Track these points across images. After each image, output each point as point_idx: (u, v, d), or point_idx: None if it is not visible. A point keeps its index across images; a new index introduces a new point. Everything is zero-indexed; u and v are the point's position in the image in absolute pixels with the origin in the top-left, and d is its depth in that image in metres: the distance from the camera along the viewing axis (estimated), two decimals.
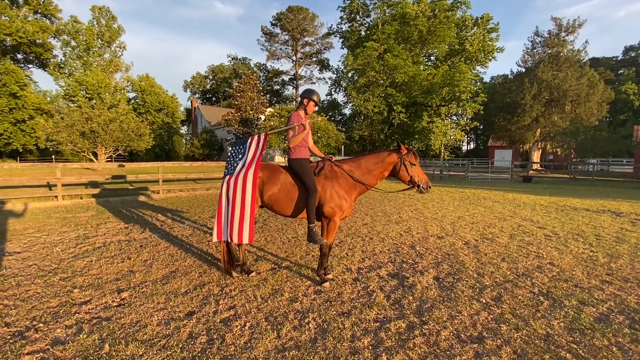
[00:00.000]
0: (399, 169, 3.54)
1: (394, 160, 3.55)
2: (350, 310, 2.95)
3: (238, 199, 3.38)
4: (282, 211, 3.59)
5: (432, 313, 2.89)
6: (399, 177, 3.58)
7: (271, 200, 3.52)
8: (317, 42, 47.51)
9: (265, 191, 3.51)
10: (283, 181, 3.54)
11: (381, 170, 3.58)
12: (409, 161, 3.52)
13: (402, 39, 29.76)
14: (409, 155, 3.54)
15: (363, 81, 28.80)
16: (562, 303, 3.10)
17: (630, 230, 6.10)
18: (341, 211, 3.50)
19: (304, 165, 3.50)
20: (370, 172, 3.57)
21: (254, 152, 3.55)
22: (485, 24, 32.75)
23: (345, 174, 3.57)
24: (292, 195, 3.50)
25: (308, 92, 3.66)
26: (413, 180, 3.50)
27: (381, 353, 2.31)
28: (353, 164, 3.65)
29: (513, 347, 2.39)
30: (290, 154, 3.60)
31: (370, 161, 3.61)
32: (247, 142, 3.69)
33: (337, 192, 3.47)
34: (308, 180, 3.39)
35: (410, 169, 3.50)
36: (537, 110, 29.07)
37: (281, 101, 51.46)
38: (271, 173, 3.60)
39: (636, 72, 46.47)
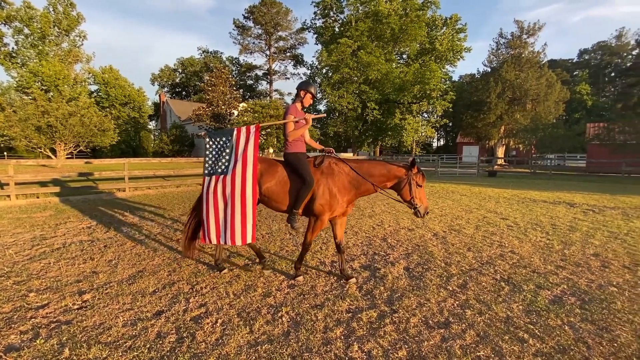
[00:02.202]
0: (403, 186, 3.41)
1: (400, 175, 3.41)
2: (323, 302, 2.99)
3: (238, 199, 3.21)
4: (278, 205, 3.50)
5: (402, 302, 2.99)
6: (401, 193, 3.47)
7: (268, 193, 3.45)
8: (291, 37, 47.04)
9: (263, 183, 3.43)
10: (280, 174, 3.48)
11: (383, 179, 3.44)
12: (415, 181, 3.39)
13: (375, 36, 30.14)
14: (418, 176, 3.40)
15: (337, 77, 28.92)
16: (521, 288, 3.31)
17: (582, 219, 6.61)
18: (330, 210, 3.38)
19: (301, 158, 3.45)
20: (371, 177, 3.43)
21: (245, 146, 3.30)
22: (454, 25, 33.89)
23: (342, 172, 3.46)
24: (287, 189, 3.43)
25: (305, 84, 3.59)
26: (413, 201, 3.39)
27: (353, 342, 2.36)
28: (355, 164, 3.54)
29: (476, 330, 2.53)
30: (287, 148, 3.54)
31: (374, 166, 3.49)
32: (231, 134, 3.38)
33: (329, 190, 3.37)
34: (305, 172, 3.34)
35: (414, 190, 3.38)
36: (501, 108, 30.64)
37: (255, 96, 50.58)
38: (268, 166, 3.53)
39: (589, 73, 50.13)
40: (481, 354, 2.23)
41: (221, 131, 3.53)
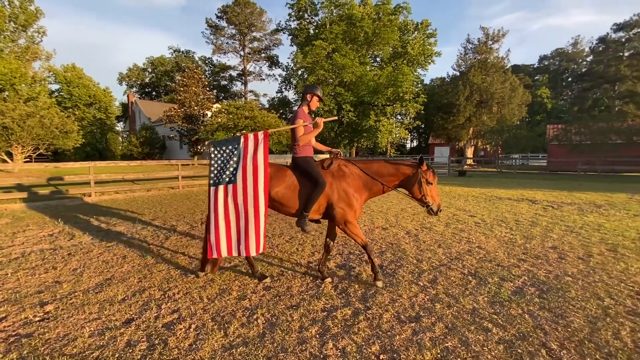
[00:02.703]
0: (413, 183, 3.41)
1: (408, 173, 3.42)
2: (299, 302, 3.01)
3: (251, 207, 3.12)
4: (289, 209, 3.45)
5: (376, 298, 3.08)
6: (411, 191, 3.46)
7: (278, 198, 3.38)
8: (265, 38, 46.65)
9: (272, 188, 3.35)
10: (289, 179, 3.44)
11: (392, 179, 3.45)
12: (425, 178, 3.39)
13: (349, 39, 30.59)
14: (428, 173, 3.40)
15: (313, 79, 29.04)
16: (486, 280, 3.51)
17: (543, 215, 7.06)
18: (352, 210, 3.36)
19: (310, 162, 3.46)
20: (381, 177, 3.45)
21: (255, 153, 3.19)
22: (425, 29, 35.09)
23: (354, 174, 3.47)
24: (299, 193, 3.39)
25: (312, 87, 3.60)
26: (424, 199, 3.39)
27: (328, 340, 2.40)
28: (364, 165, 3.56)
29: (445, 322, 2.65)
30: (296, 152, 3.52)
31: (383, 166, 3.51)
32: (238, 142, 3.27)
33: (345, 191, 3.36)
34: (316, 175, 3.33)
35: (424, 187, 3.37)
36: (470, 110, 32.04)
37: (229, 97, 49.67)
38: (276, 170, 3.48)
39: (549, 78, 53.50)
40: (449, 344, 2.35)
41: (226, 140, 3.38)
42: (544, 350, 2.28)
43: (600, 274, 3.67)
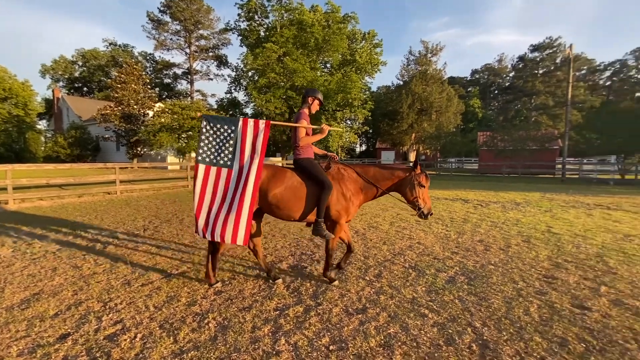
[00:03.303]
0: (406, 187, 3.47)
1: (403, 176, 3.48)
2: (251, 304, 3.04)
3: (237, 196, 3.08)
4: (288, 212, 3.35)
5: (326, 295, 3.24)
6: (404, 194, 3.52)
7: (276, 201, 3.29)
8: (213, 37, 44.96)
9: (270, 190, 3.27)
10: (290, 180, 3.35)
11: (388, 182, 3.51)
12: (418, 181, 3.45)
13: (300, 44, 30.91)
14: (421, 176, 3.47)
15: (264, 82, 28.77)
16: (424, 272, 3.88)
17: (473, 212, 7.91)
18: (347, 214, 3.41)
19: (315, 164, 3.44)
20: (377, 181, 3.51)
21: (254, 142, 3.15)
22: (372, 39, 36.84)
23: (352, 177, 3.50)
24: (301, 194, 3.33)
25: (314, 91, 3.63)
26: (416, 202, 3.44)
27: (280, 337, 2.49)
28: (361, 169, 3.59)
29: (388, 311, 2.90)
30: (298, 154, 3.50)
31: (379, 170, 3.57)
32: (236, 125, 3.18)
33: (343, 195, 3.38)
34: (323, 177, 3.31)
35: (418, 190, 3.44)
36: (412, 117, 34.43)
37: (173, 96, 46.88)
38: (274, 171, 3.40)
39: (479, 90, 59.54)
40: (391, 331, 2.59)
41: (222, 118, 3.26)
42: (470, 328, 2.63)
43: (516, 262, 4.27)
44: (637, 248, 4.87)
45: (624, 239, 5.42)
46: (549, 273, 3.86)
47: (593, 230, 6.00)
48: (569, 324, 2.70)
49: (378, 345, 2.40)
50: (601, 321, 2.75)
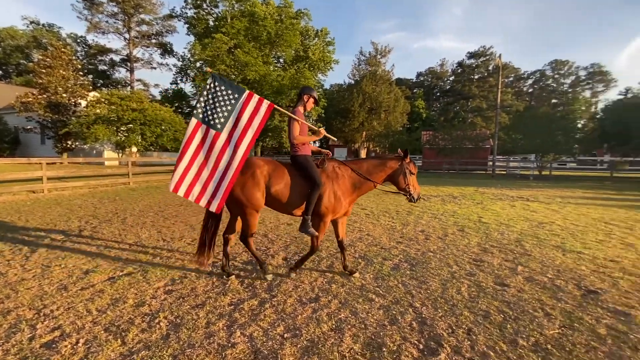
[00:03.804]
0: (399, 176, 3.65)
1: (395, 166, 3.65)
2: (205, 301, 3.03)
3: (222, 164, 3.17)
4: (287, 207, 3.47)
5: (281, 287, 3.34)
6: (396, 182, 3.70)
7: (278, 195, 3.38)
8: (157, 23, 41.73)
9: (272, 185, 3.36)
10: (288, 177, 3.45)
11: (382, 175, 3.66)
12: (409, 170, 3.65)
13: (252, 37, 30.16)
14: (410, 165, 3.68)
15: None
16: (372, 261, 4.16)
17: (416, 205, 8.56)
18: (333, 213, 3.49)
19: (310, 161, 3.51)
20: (371, 175, 3.63)
21: (251, 118, 3.22)
22: (324, 37, 37.27)
23: (346, 175, 3.60)
24: (297, 191, 3.42)
25: (309, 89, 3.71)
26: (408, 188, 3.65)
27: (235, 330, 2.53)
28: (355, 165, 3.70)
29: (339, 299, 3.09)
30: (296, 151, 3.54)
31: (372, 164, 3.69)
32: (241, 94, 3.24)
33: (334, 193, 3.46)
34: (315, 175, 3.39)
35: (409, 177, 3.64)
36: (363, 116, 35.67)
37: (110, 85, 42.73)
38: (275, 167, 3.48)
39: (424, 92, 63.52)
40: (342, 316, 2.78)
41: (230, 82, 3.29)
42: (411, 309, 2.93)
43: (452, 249, 4.77)
44: (547, 233, 5.72)
45: (538, 226, 6.33)
46: (478, 257, 4.39)
47: (514, 219, 6.89)
48: (491, 299, 3.13)
49: (330, 329, 2.56)
50: (517, 295, 3.24)
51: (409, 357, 2.23)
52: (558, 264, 4.14)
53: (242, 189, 3.32)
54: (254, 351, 2.27)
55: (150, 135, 20.93)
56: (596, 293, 3.29)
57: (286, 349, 2.30)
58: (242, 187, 3.33)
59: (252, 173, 3.35)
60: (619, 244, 5.12)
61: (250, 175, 3.35)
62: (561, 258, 4.38)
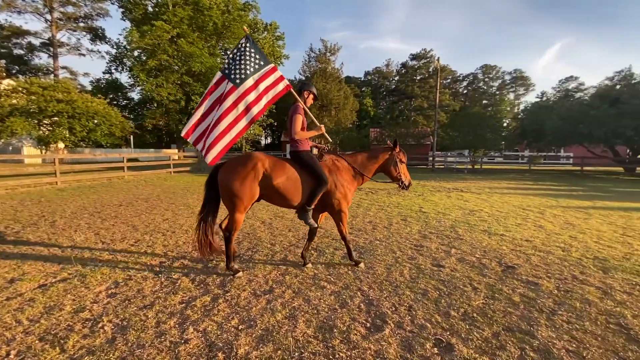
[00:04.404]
0: (390, 166, 3.87)
1: (386, 156, 3.87)
2: (153, 301, 2.93)
3: (228, 119, 3.31)
4: (288, 201, 3.53)
5: (234, 282, 3.35)
6: (388, 172, 3.91)
7: (280, 189, 3.42)
8: (85, 4, 37.42)
9: (274, 179, 3.39)
10: (289, 171, 3.50)
11: (375, 166, 3.87)
12: (400, 159, 3.88)
13: (196, 26, 28.60)
14: (400, 154, 3.90)
15: (154, 64, 25.62)
16: (324, 252, 4.34)
17: (365, 198, 9.00)
18: (347, 200, 3.69)
19: (313, 157, 3.61)
20: (365, 167, 3.83)
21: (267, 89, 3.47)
22: (274, 31, 36.72)
23: (344, 167, 3.76)
24: (298, 185, 3.49)
25: (309, 85, 3.85)
26: (399, 176, 3.88)
27: (188, 327, 2.51)
28: (351, 158, 3.87)
29: (293, 289, 3.21)
30: (297, 146, 3.61)
31: (366, 157, 3.88)
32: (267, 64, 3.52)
33: (342, 184, 3.65)
34: (320, 171, 3.51)
35: (400, 166, 3.87)
36: (314, 113, 36.03)
37: (28, 72, 37.40)
38: (275, 162, 3.50)
39: (371, 90, 66.04)
40: (295, 304, 2.89)
41: (260, 49, 3.51)
42: (359, 292, 3.15)
43: (396, 236, 5.16)
44: (477, 220, 6.45)
45: (470, 213, 7.09)
46: (418, 243, 4.82)
47: (450, 208, 7.63)
48: (429, 279, 3.49)
49: (284, 317, 2.67)
50: (450, 274, 3.65)
51: (357, 335, 2.43)
52: (484, 246, 4.73)
53: (242, 182, 3.32)
54: (208, 345, 2.29)
55: (81, 130, 18.87)
56: (513, 268, 3.85)
57: (241, 339, 2.35)
58: (242, 180, 3.32)
59: (254, 166, 3.36)
60: (533, 226, 5.98)
61: (252, 168, 3.35)
62: (487, 240, 5.00)
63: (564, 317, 2.73)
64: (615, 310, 2.84)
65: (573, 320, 2.68)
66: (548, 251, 4.50)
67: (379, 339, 2.37)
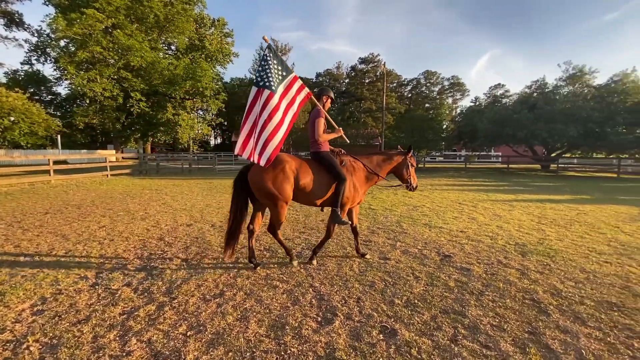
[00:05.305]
0: (402, 169, 4.16)
1: (400, 160, 4.16)
2: (89, 315, 2.70)
3: (274, 121, 3.46)
4: (312, 199, 3.75)
5: (181, 288, 3.22)
6: (400, 174, 4.21)
7: (305, 188, 3.63)
8: None
9: (300, 179, 3.60)
10: (312, 171, 3.71)
11: (390, 168, 4.16)
12: (411, 163, 4.20)
13: (135, 17, 26.54)
14: (412, 159, 4.22)
15: (85, 56, 23.20)
16: (277, 252, 4.36)
17: None
18: (352, 202, 3.90)
19: (334, 157, 3.85)
20: (380, 167, 4.10)
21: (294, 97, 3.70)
22: (222, 28, 35.50)
23: (360, 169, 4.01)
24: (321, 184, 3.70)
25: (327, 90, 4.07)
26: (409, 179, 4.20)
27: (130, 338, 2.37)
28: (367, 159, 4.11)
29: (244, 291, 3.18)
30: (319, 147, 3.83)
31: (382, 159, 4.15)
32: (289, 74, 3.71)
33: (353, 185, 3.87)
34: (339, 170, 3.73)
35: (410, 170, 4.19)
36: None
37: None
38: (300, 163, 3.72)
39: None
40: (247, 305, 2.88)
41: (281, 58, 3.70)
42: (311, 289, 3.24)
43: (347, 233, 5.35)
44: (419, 214, 6.95)
45: (413, 209, 7.61)
46: (367, 238, 5.06)
47: (396, 205, 8.11)
48: (376, 271, 3.71)
49: (235, 320, 2.64)
50: (395, 265, 3.91)
51: (308, 330, 2.50)
52: (425, 238, 5.13)
53: (274, 182, 3.50)
54: (153, 355, 2.19)
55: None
56: (450, 257, 4.24)
57: (190, 345, 2.29)
58: (274, 180, 3.51)
59: (282, 168, 3.55)
60: (467, 218, 6.62)
61: (281, 170, 3.54)
62: (428, 233, 5.43)
63: (490, 297, 3.09)
64: (530, 288, 3.30)
65: (497, 299, 3.05)
66: (479, 240, 5.03)
67: (330, 331, 2.47)
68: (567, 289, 3.29)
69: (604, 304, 2.96)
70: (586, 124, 19.07)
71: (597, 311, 2.84)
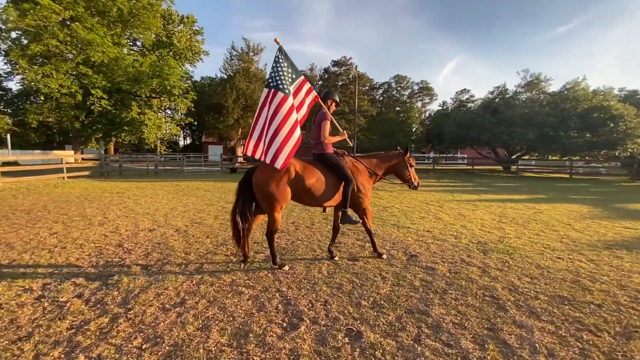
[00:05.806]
0: (402, 169, 4.34)
1: (398, 160, 4.33)
2: (31, 331, 2.47)
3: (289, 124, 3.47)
4: (318, 200, 3.81)
5: (139, 298, 3.03)
6: (400, 174, 4.38)
7: (312, 189, 3.70)
8: None
9: (306, 180, 3.65)
10: (318, 172, 3.77)
11: (387, 167, 4.32)
12: (410, 163, 4.36)
13: (96, 10, 25.03)
14: (411, 159, 4.40)
15: (38, 49, 21.53)
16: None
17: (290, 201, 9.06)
18: (368, 198, 4.05)
19: (339, 159, 3.91)
20: (379, 168, 4.27)
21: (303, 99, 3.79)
22: (191, 25, 34.36)
23: (363, 169, 4.14)
24: (327, 185, 3.78)
25: (332, 93, 4.19)
26: (410, 178, 4.37)
27: (78, 355, 2.19)
28: (366, 161, 4.27)
29: (207, 298, 3.05)
30: (324, 149, 3.90)
31: (381, 159, 4.34)
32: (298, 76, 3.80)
33: (362, 183, 4.02)
34: (346, 172, 3.83)
35: (410, 170, 4.35)
36: (237, 113, 34.85)
37: None
38: (305, 165, 3.77)
39: None
40: (210, 314, 2.76)
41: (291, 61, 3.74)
42: (278, 293, 3.16)
43: (317, 236, 5.33)
44: (389, 215, 7.07)
45: (383, 210, 7.74)
46: (337, 240, 5.06)
47: None
48: (345, 273, 3.70)
49: (196, 329, 2.52)
50: (363, 267, 3.92)
51: (273, 337, 2.43)
52: (394, 238, 5.22)
53: (278, 185, 3.55)
54: None
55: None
56: (416, 256, 4.34)
57: (144, 359, 2.14)
58: (278, 183, 3.55)
59: (287, 170, 3.58)
60: (433, 218, 6.82)
61: (286, 171, 3.57)
62: (396, 233, 5.53)
63: (452, 295, 3.18)
64: (490, 285, 3.44)
65: (459, 297, 3.14)
66: (444, 239, 5.19)
67: (294, 337, 2.42)
68: (524, 284, 3.46)
69: (556, 298, 3.14)
70: (542, 128, 20.44)
71: (550, 305, 3.00)
